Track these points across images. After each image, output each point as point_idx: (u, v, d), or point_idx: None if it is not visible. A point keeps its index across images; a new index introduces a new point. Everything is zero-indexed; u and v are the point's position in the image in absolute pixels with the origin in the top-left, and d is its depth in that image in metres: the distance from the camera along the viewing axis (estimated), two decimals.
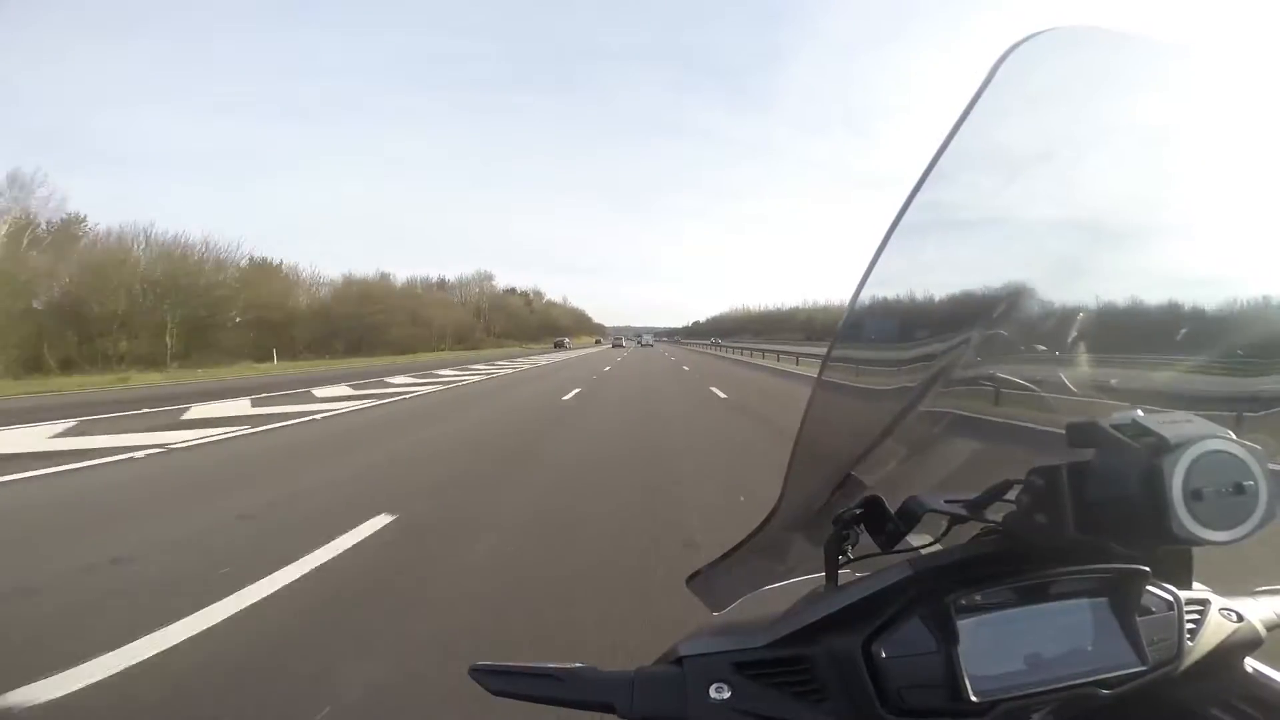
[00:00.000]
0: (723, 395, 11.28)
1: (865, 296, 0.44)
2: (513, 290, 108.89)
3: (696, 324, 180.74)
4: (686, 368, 21.43)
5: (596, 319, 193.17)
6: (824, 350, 0.50)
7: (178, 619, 2.32)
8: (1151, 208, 0.51)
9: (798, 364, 21.52)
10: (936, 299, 0.49)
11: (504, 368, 22.70)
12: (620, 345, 71.11)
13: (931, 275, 0.49)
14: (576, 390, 12.61)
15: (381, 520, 3.54)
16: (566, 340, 78.55)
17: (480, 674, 0.48)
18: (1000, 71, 0.39)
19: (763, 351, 30.41)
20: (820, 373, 0.50)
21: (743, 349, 37.01)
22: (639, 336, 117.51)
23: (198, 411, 9.33)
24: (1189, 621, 0.49)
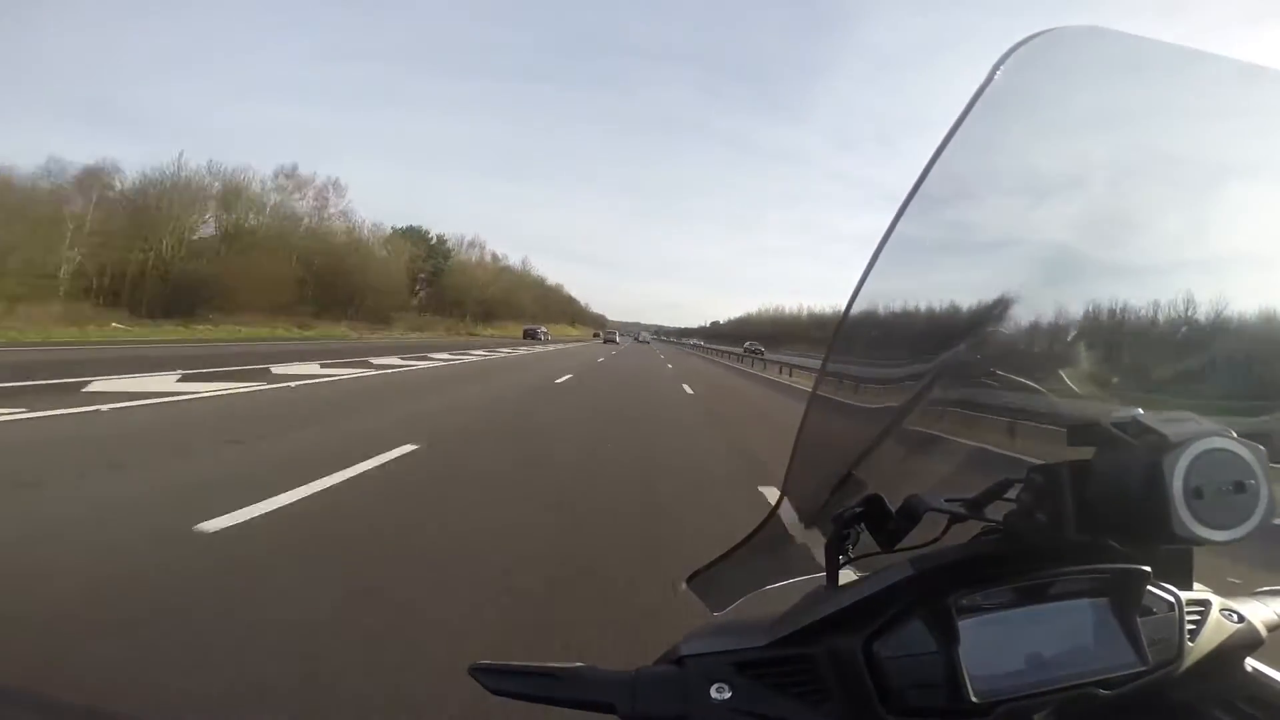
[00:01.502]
0: None
1: (866, 295, 0.44)
2: (415, 229, 60.25)
3: (715, 324, 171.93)
4: None
5: (596, 309, 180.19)
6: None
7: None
8: (1152, 212, 0.51)
9: None
10: (937, 298, 0.49)
11: None
12: (613, 341, 62.40)
13: (932, 275, 0.49)
14: None
15: None
16: (541, 331, 55.10)
17: (480, 673, 0.48)
18: (998, 77, 0.38)
19: None
20: (820, 372, 0.50)
21: None
22: (637, 334, 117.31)
23: None
24: (1190, 622, 0.49)
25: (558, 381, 13.41)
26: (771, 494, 4.22)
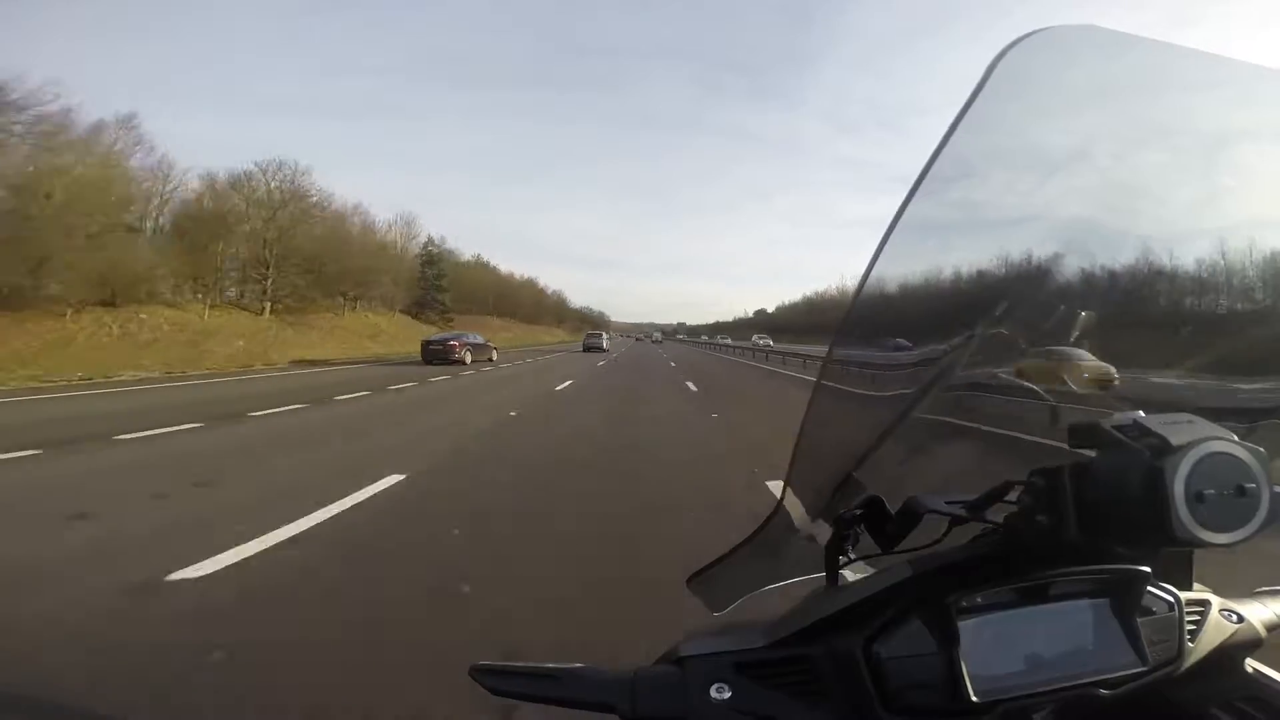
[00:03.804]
0: None
1: (866, 297, 0.44)
2: None
3: (762, 312, 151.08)
4: None
5: (585, 305, 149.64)
6: None
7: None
8: (1153, 209, 0.51)
9: None
10: (938, 299, 0.49)
11: None
12: (597, 348, 36.57)
13: (932, 276, 0.48)
14: None
15: None
16: (468, 341, 19.80)
17: (480, 674, 0.48)
18: (998, 70, 0.39)
19: None
20: (821, 373, 0.50)
21: None
22: (649, 334, 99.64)
23: None
24: (1190, 622, 0.49)
25: None
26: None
